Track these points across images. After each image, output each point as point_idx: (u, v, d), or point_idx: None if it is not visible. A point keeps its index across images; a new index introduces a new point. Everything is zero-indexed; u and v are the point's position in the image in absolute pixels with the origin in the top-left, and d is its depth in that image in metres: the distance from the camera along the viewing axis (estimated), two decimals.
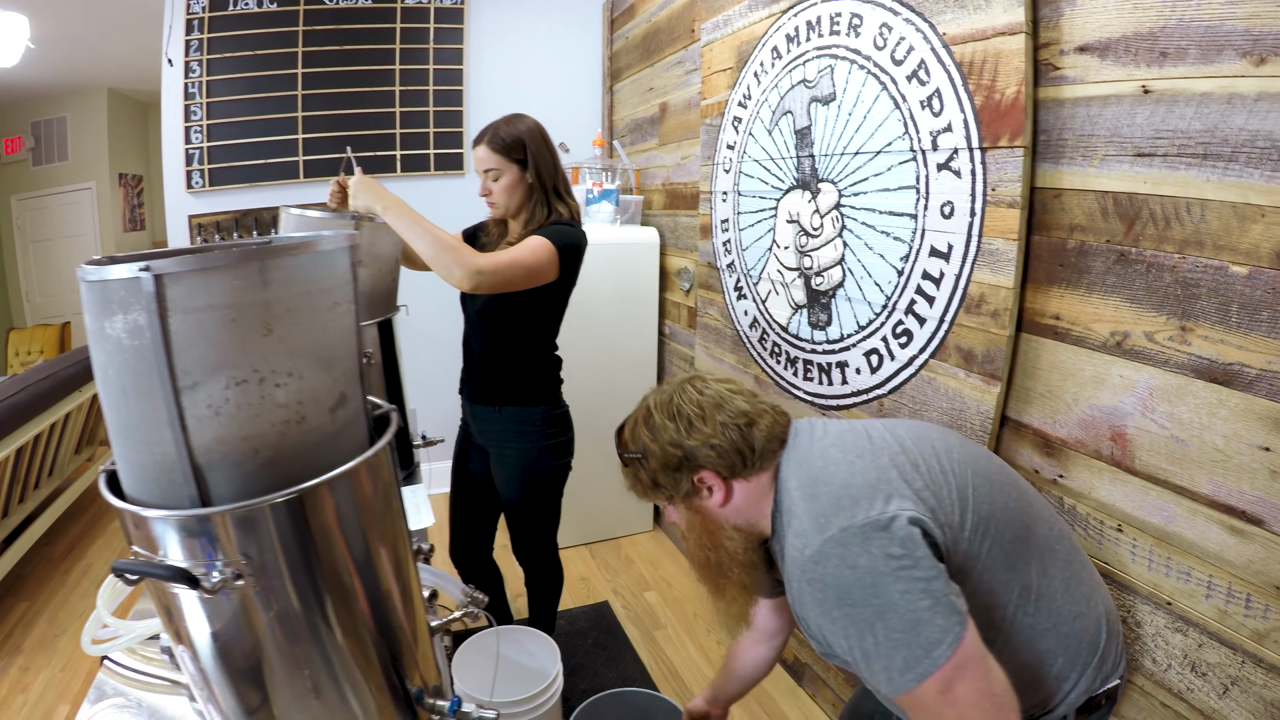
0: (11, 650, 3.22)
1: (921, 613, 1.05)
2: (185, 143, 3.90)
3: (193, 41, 3.84)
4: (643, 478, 1.39)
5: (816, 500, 1.21)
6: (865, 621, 1.08)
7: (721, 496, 1.33)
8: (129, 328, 0.78)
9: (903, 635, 1.06)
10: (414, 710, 1.11)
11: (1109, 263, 1.46)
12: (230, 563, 0.83)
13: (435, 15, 4.06)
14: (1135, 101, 1.39)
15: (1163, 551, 1.39)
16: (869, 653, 1.09)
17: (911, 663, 1.05)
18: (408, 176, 4.14)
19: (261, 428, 0.84)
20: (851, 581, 1.10)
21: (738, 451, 1.31)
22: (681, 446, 1.32)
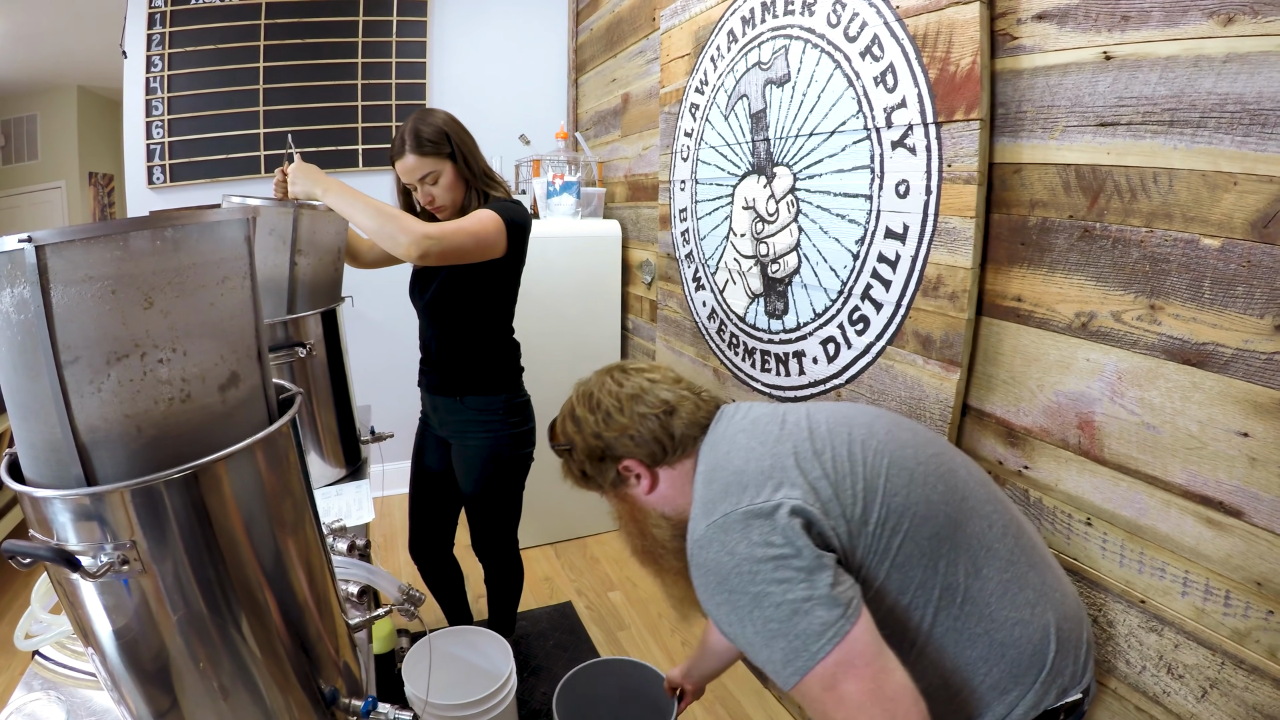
0: None
1: (799, 604, 0.98)
2: (147, 138, 3.72)
3: (154, 35, 3.65)
4: (573, 469, 1.38)
5: (710, 486, 1.16)
6: (744, 609, 1.02)
7: (647, 484, 1.30)
8: (15, 302, 0.75)
9: (780, 625, 0.99)
10: (326, 710, 1.07)
11: (1072, 239, 1.32)
12: (119, 546, 0.80)
13: (398, 8, 3.89)
14: (1096, 69, 1.25)
15: (1135, 546, 1.25)
16: (751, 641, 1.02)
17: (791, 656, 0.98)
18: (370, 170, 3.97)
19: (144, 405, 0.80)
20: (729, 567, 1.04)
21: (657, 440, 1.27)
22: (601, 438, 1.30)
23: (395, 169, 2.10)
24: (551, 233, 3.31)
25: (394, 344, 3.65)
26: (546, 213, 3.50)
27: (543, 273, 3.20)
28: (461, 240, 1.87)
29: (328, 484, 2.02)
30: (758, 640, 1.01)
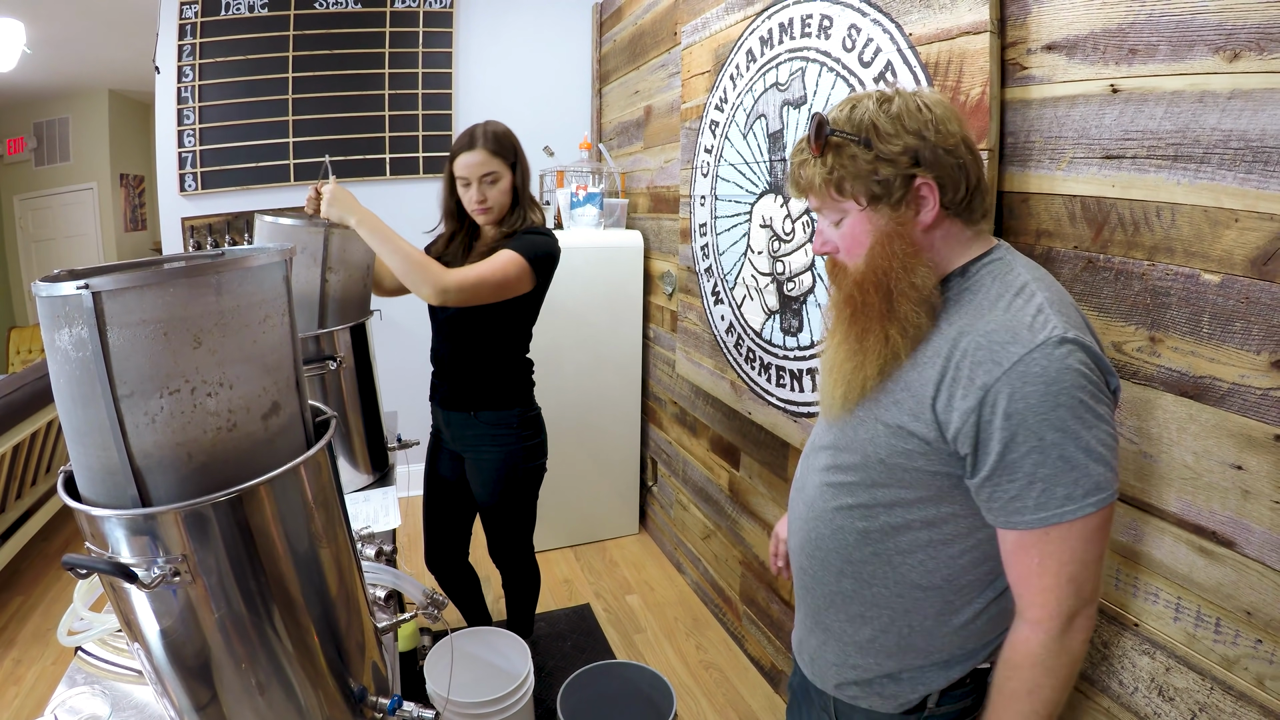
0: (5, 643, 3.19)
1: (1108, 448, 0.96)
2: (178, 146, 3.82)
3: (185, 46, 3.75)
4: (848, 165, 1.06)
5: (1062, 299, 1.03)
6: (1071, 429, 0.94)
7: (931, 217, 1.07)
8: (74, 340, 0.82)
9: (1085, 458, 0.94)
10: (355, 707, 1.14)
11: (1076, 270, 1.35)
12: (170, 560, 0.86)
13: (424, 19, 3.96)
14: (1104, 101, 1.28)
15: (1130, 571, 1.28)
16: (1046, 460, 0.94)
17: (1089, 489, 0.94)
18: (396, 179, 4.05)
19: (194, 434, 0.87)
20: (1076, 384, 0.94)
21: (965, 184, 1.07)
22: (925, 139, 1.04)
23: (455, 163, 2.14)
24: (575, 243, 3.36)
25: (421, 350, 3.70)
26: (570, 223, 3.55)
27: (566, 282, 3.26)
28: (485, 291, 1.94)
29: (356, 489, 2.08)
30: (1056, 463, 0.94)
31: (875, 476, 1.13)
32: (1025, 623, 1.03)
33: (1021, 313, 0.99)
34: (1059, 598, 0.98)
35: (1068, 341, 0.95)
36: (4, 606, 3.47)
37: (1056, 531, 0.96)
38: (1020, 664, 1.02)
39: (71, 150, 6.80)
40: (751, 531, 2.74)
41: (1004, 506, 0.99)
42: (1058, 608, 0.98)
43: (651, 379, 3.72)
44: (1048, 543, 0.97)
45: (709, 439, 3.08)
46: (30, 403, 3.61)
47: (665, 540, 3.66)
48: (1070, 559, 0.96)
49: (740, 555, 2.86)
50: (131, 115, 7.10)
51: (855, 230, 1.11)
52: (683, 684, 2.72)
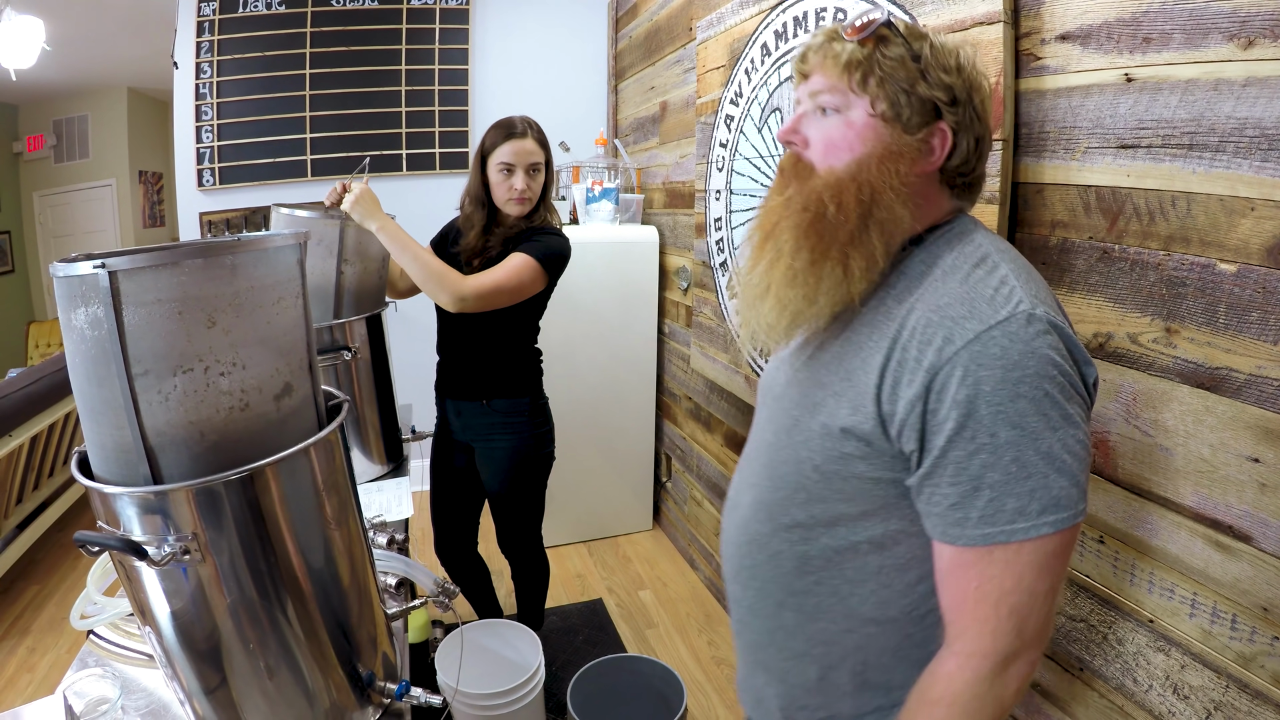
0: (21, 631, 3.25)
1: (1072, 461, 0.80)
2: (196, 142, 3.86)
3: (203, 43, 3.79)
4: (887, 63, 0.92)
5: (1030, 273, 0.91)
6: (1030, 429, 0.79)
7: (930, 167, 0.95)
8: (90, 319, 0.84)
9: (1045, 465, 0.78)
10: (363, 691, 1.14)
11: (1091, 260, 1.34)
12: (181, 538, 0.87)
13: (441, 16, 3.98)
14: (1118, 91, 1.27)
15: (1145, 566, 1.27)
16: (1000, 460, 0.79)
17: (1045, 506, 0.78)
18: (413, 175, 4.06)
19: (207, 413, 0.88)
20: (1043, 369, 0.79)
21: (973, 164, 0.98)
22: (971, 94, 0.94)
23: (501, 149, 2.13)
24: (590, 238, 3.37)
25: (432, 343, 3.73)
26: (585, 218, 3.55)
27: (581, 277, 3.26)
28: (501, 298, 2.01)
29: (370, 480, 2.10)
30: (1009, 467, 0.79)
31: (811, 488, 0.97)
32: (952, 654, 0.86)
33: (982, 284, 0.86)
34: (996, 632, 0.81)
35: (1036, 320, 0.81)
36: (20, 595, 3.53)
37: (1001, 553, 0.80)
38: (936, 700, 0.85)
39: (91, 147, 6.89)
40: None
41: (943, 515, 0.84)
42: (993, 644, 0.82)
43: (666, 374, 3.72)
44: (990, 564, 0.81)
45: (723, 434, 3.07)
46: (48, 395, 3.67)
47: (679, 536, 3.66)
48: (1015, 588, 0.80)
49: None
50: (150, 113, 7.17)
51: (851, 131, 0.94)
52: (694, 679, 2.71)
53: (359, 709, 1.14)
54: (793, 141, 1.00)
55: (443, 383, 2.38)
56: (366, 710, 1.16)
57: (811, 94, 0.97)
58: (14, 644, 3.15)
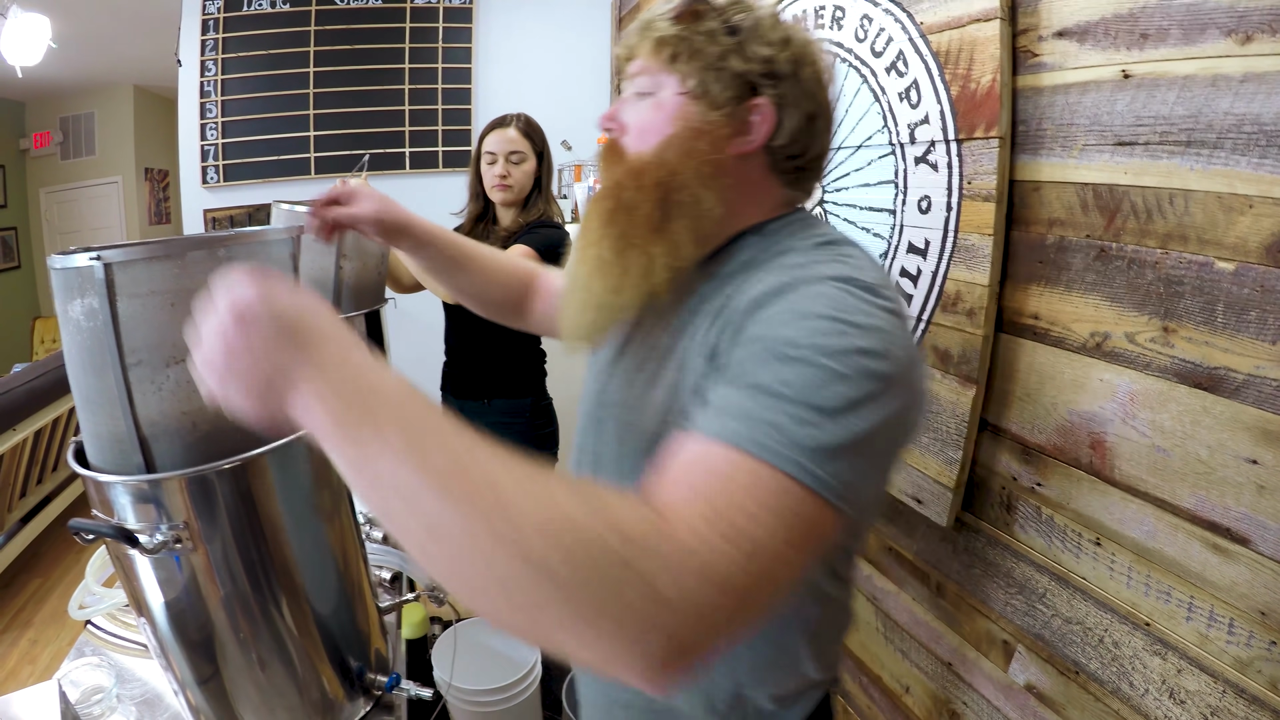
0: (23, 624, 3.29)
1: (869, 419, 0.68)
2: (201, 139, 3.88)
3: (208, 41, 3.81)
4: (697, 38, 0.88)
5: (880, 275, 0.83)
6: (807, 359, 0.69)
7: (750, 147, 0.90)
8: (86, 310, 0.85)
9: (810, 405, 0.66)
10: (354, 684, 1.17)
11: (1089, 259, 1.32)
12: (173, 526, 0.89)
13: (444, 15, 3.99)
14: (1115, 87, 1.24)
15: (1142, 569, 1.25)
16: (776, 378, 0.69)
17: (808, 442, 0.65)
18: (416, 173, 4.08)
19: (199, 403, 0.89)
20: (853, 316, 0.72)
21: (806, 146, 0.92)
22: (795, 67, 0.89)
23: (485, 140, 2.26)
24: None
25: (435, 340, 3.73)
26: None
27: None
28: None
29: None
30: (798, 385, 0.67)
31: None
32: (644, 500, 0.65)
33: (817, 266, 0.80)
34: (703, 517, 0.61)
35: (861, 282, 0.76)
36: (23, 588, 3.57)
37: (746, 462, 0.65)
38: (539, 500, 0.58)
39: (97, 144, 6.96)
40: None
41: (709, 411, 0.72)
42: (695, 527, 0.60)
43: None
44: (735, 470, 0.65)
45: None
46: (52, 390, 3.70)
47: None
48: (744, 504, 0.63)
49: None
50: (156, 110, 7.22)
51: (660, 112, 0.90)
52: None
53: (349, 701, 1.15)
54: (610, 128, 0.97)
55: (447, 381, 2.38)
56: (357, 702, 1.17)
57: (629, 78, 0.95)
58: (16, 636, 3.19)
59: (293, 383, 0.61)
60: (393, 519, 0.59)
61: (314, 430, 0.61)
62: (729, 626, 0.60)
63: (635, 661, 0.56)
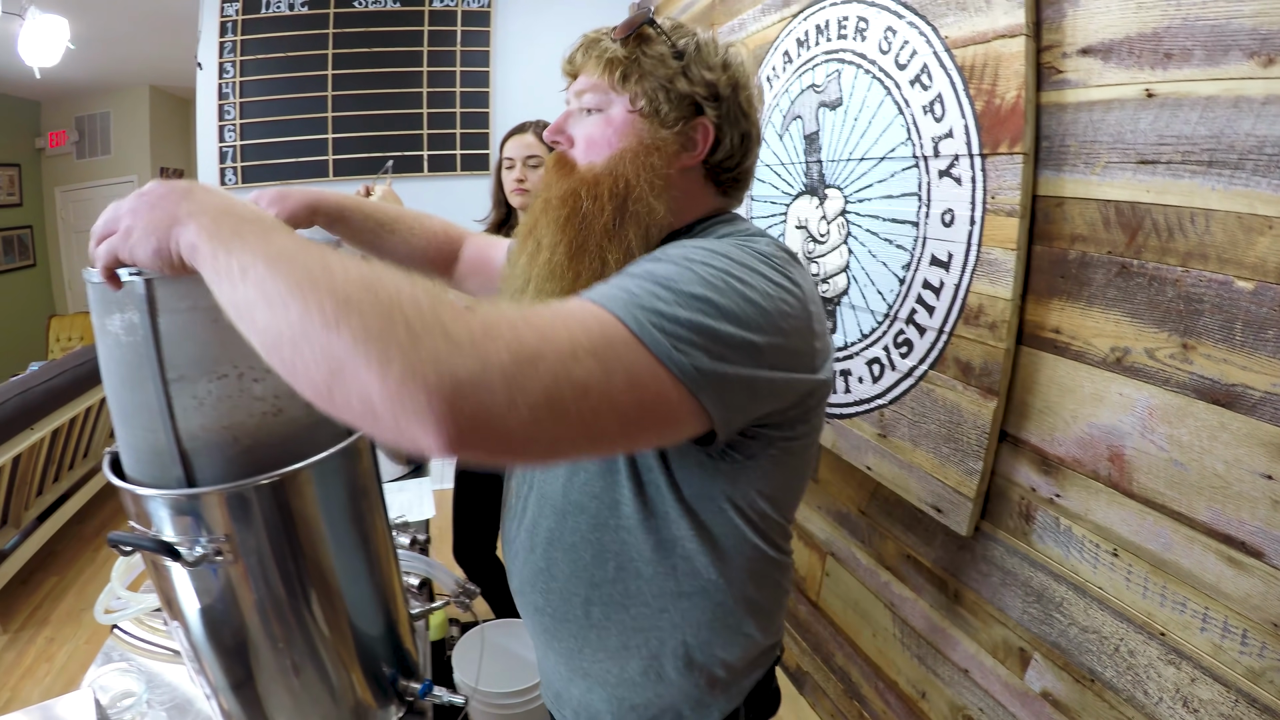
0: (39, 621, 3.32)
1: (702, 306, 0.73)
2: (219, 141, 3.92)
3: (226, 43, 3.86)
4: (647, 61, 0.97)
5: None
6: (674, 260, 0.78)
7: (692, 161, 0.99)
8: (125, 325, 0.85)
9: (663, 284, 0.74)
10: (387, 691, 1.16)
11: (1110, 275, 1.36)
12: (213, 540, 0.89)
13: (462, 18, 4.03)
14: (1139, 106, 1.29)
15: (1158, 580, 1.29)
16: (645, 270, 0.77)
17: (625, 297, 0.72)
18: (434, 176, 4.12)
19: (241, 418, 0.89)
20: (730, 252, 0.81)
21: (739, 160, 1.02)
22: (734, 90, 0.99)
23: (504, 146, 2.34)
24: None
25: None
26: None
27: None
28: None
29: (391, 480, 2.13)
30: (660, 274, 0.75)
31: (587, 465, 1.00)
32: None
33: (714, 236, 0.90)
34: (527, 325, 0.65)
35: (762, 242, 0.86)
36: (39, 586, 3.60)
37: (588, 305, 0.71)
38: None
39: (113, 144, 7.03)
40: None
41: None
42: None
43: None
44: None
45: None
46: (69, 389, 3.75)
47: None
48: (568, 322, 0.68)
49: None
50: (171, 110, 7.30)
51: (610, 128, 0.98)
52: None
53: (381, 707, 1.16)
54: (558, 141, 1.04)
55: None
56: (389, 709, 1.17)
57: (577, 93, 1.02)
58: (33, 634, 3.22)
59: (180, 219, 0.70)
60: (245, 310, 0.64)
61: (193, 250, 0.69)
62: (513, 399, 0.60)
63: (418, 394, 0.56)
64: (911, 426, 1.86)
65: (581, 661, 1.09)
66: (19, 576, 3.51)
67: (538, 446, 0.64)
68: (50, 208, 7.27)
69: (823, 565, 2.42)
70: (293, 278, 0.61)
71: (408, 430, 0.58)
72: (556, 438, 0.64)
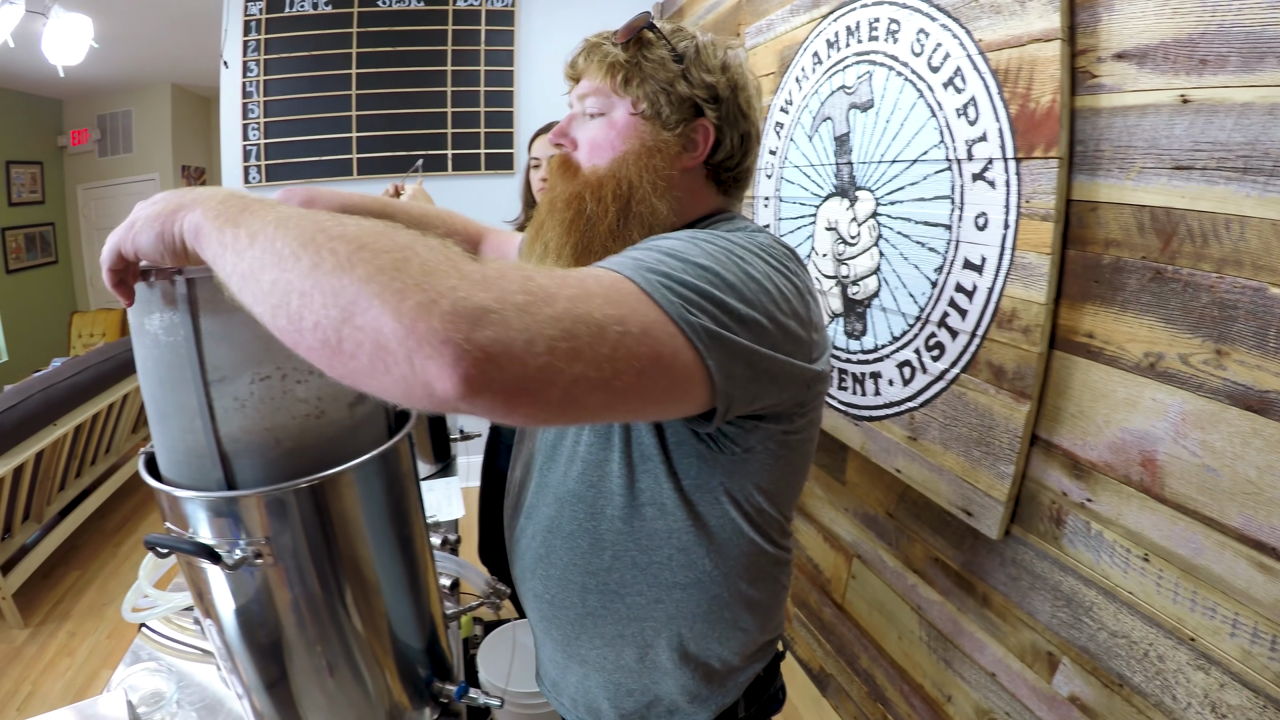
0: (61, 616, 3.41)
1: (704, 274, 0.76)
2: (243, 139, 4.00)
3: (250, 42, 3.93)
4: (647, 64, 1.02)
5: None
6: (678, 236, 0.84)
7: (693, 162, 1.05)
8: (165, 325, 0.85)
9: (667, 253, 0.78)
10: (423, 692, 1.16)
11: (1144, 280, 1.39)
12: (252, 542, 0.89)
13: (486, 18, 4.10)
14: (1174, 112, 1.32)
15: (1189, 585, 1.31)
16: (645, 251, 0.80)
17: (633, 264, 0.75)
18: (459, 175, 4.18)
19: (283, 420, 0.90)
20: (727, 240, 0.85)
21: (740, 159, 1.08)
22: (733, 91, 1.04)
23: (534, 145, 2.47)
24: None
25: None
26: None
27: None
28: None
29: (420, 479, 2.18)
30: (665, 247, 0.80)
31: (585, 455, 1.04)
32: None
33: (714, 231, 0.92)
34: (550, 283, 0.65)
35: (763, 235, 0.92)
36: (60, 580, 3.70)
37: (598, 269, 0.74)
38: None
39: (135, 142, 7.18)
40: (807, 534, 2.79)
41: None
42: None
43: None
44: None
45: None
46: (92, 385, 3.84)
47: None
48: (581, 277, 0.69)
49: (794, 558, 2.89)
50: (193, 109, 7.45)
51: (613, 131, 1.03)
52: None
53: (417, 709, 1.16)
54: (562, 144, 1.10)
55: None
56: (424, 711, 1.18)
57: (580, 97, 1.08)
58: (54, 628, 3.31)
59: (184, 206, 0.72)
60: (252, 274, 0.64)
61: (196, 232, 0.70)
62: (529, 332, 0.59)
63: (434, 324, 0.55)
64: (942, 429, 1.89)
65: (579, 649, 1.13)
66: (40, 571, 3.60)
67: (554, 390, 0.61)
68: (72, 205, 7.44)
69: (848, 567, 2.45)
70: (304, 232, 0.61)
71: (422, 370, 0.56)
72: (574, 379, 0.62)
